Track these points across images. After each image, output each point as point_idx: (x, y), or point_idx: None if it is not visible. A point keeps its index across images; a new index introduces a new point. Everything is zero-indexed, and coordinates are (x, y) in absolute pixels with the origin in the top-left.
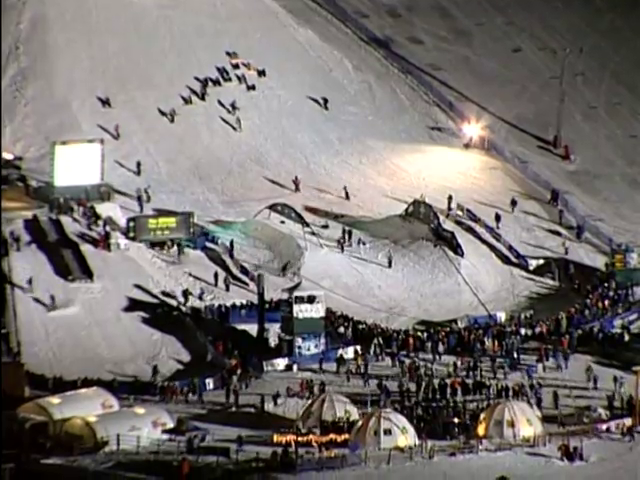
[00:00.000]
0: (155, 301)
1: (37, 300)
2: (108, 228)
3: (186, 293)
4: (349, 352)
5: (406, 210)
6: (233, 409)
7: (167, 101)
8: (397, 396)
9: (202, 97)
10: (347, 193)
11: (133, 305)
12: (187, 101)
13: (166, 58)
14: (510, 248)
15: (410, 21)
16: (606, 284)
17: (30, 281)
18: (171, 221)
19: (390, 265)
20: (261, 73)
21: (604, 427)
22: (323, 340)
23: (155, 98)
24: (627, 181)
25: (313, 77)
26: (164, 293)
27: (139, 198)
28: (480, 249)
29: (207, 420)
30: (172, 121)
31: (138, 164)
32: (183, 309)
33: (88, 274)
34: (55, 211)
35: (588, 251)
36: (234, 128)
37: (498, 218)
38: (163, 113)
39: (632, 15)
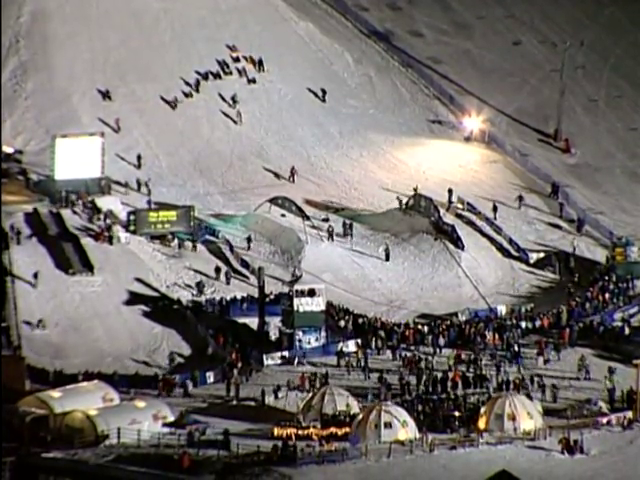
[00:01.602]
0: (156, 294)
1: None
2: (109, 221)
3: (199, 285)
4: (350, 345)
5: (406, 203)
6: (234, 402)
7: (168, 94)
8: (398, 389)
9: (197, 89)
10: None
11: (134, 298)
12: (188, 95)
13: (167, 51)
14: (510, 241)
15: (410, 14)
16: (606, 277)
17: (36, 275)
18: (171, 214)
19: (387, 259)
20: (261, 66)
21: (604, 420)
22: (324, 333)
23: (156, 91)
24: (627, 174)
25: (313, 70)
26: (176, 285)
27: (139, 188)
28: (480, 242)
29: (208, 413)
30: (174, 108)
31: (139, 157)
32: (184, 302)
33: (89, 267)
34: (57, 205)
35: (589, 244)
36: (235, 121)
37: (495, 209)
38: (166, 101)
39: (632, 8)
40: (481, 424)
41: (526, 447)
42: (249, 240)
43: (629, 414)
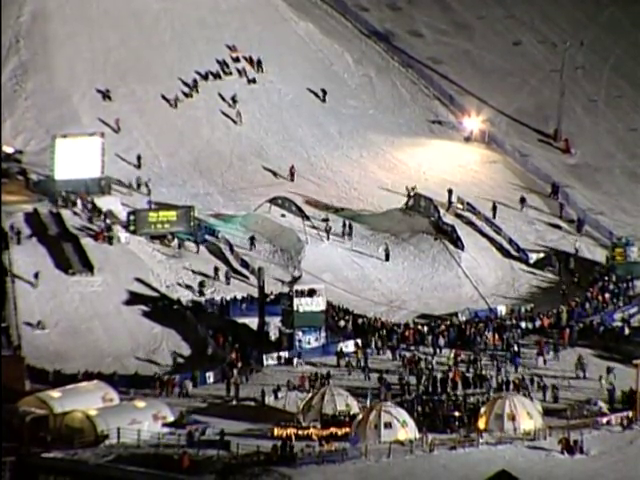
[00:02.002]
0: (156, 294)
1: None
2: (109, 221)
3: (202, 284)
4: (349, 346)
5: (406, 203)
6: (234, 402)
7: (168, 94)
8: (398, 390)
9: (197, 89)
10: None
11: (134, 298)
12: (187, 95)
13: (167, 51)
14: (510, 241)
15: (410, 14)
16: (606, 277)
17: (37, 275)
18: (171, 215)
19: (387, 259)
20: (261, 66)
21: (604, 420)
22: (323, 333)
23: (156, 91)
24: (627, 174)
25: (313, 70)
26: (178, 284)
27: (138, 188)
28: (480, 242)
29: (208, 413)
30: (175, 107)
31: (138, 157)
32: (184, 302)
33: (89, 267)
34: (57, 205)
35: (588, 244)
36: (234, 121)
37: (495, 209)
38: (166, 100)
39: (632, 8)
40: (481, 424)
41: (526, 447)
42: (252, 240)
43: (629, 414)
